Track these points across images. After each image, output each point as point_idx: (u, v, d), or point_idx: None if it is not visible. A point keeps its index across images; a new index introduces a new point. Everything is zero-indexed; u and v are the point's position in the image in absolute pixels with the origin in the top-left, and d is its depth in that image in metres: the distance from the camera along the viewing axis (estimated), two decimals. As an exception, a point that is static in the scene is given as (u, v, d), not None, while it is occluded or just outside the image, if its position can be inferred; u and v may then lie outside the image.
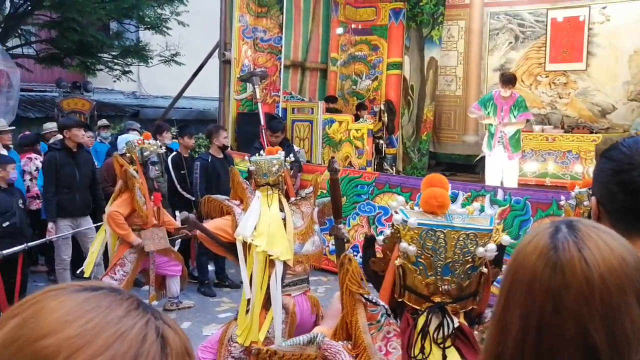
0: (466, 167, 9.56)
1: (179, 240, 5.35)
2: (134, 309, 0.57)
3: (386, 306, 1.36)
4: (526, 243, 0.84)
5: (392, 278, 1.34)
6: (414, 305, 1.34)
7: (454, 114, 10.24)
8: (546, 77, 9.51)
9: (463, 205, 1.38)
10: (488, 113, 6.68)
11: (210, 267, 5.94)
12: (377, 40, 9.46)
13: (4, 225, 4.56)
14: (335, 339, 1.36)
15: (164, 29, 10.59)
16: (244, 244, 3.12)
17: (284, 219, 3.19)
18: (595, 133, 8.67)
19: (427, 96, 9.59)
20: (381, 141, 8.58)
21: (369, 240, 1.44)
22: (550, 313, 0.78)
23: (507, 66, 9.85)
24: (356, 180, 6.33)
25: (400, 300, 1.36)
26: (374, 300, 1.35)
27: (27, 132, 6.90)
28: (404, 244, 1.29)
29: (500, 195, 5.50)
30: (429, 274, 1.32)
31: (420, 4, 9.38)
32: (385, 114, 8.81)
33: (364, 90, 9.58)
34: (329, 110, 8.23)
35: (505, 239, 1.43)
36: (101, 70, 10.73)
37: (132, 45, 10.97)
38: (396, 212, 1.33)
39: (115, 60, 10.64)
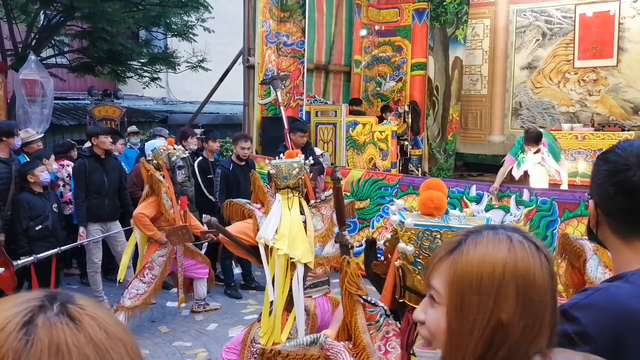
0: (493, 168, 9.42)
1: (206, 243, 5.46)
2: (19, 303, 0.59)
3: (385, 307, 1.39)
4: (503, 259, 0.82)
5: (393, 280, 1.37)
6: (414, 305, 1.36)
7: (480, 113, 10.13)
8: (575, 74, 9.32)
9: (488, 207, 1.40)
10: (519, 161, 6.07)
11: (237, 270, 6.03)
12: (401, 41, 9.43)
13: (37, 228, 4.74)
14: (337, 339, 1.40)
15: (191, 35, 10.78)
16: (266, 247, 3.18)
17: (305, 222, 3.24)
18: (628, 130, 8.45)
19: (452, 96, 9.49)
20: (406, 142, 8.55)
21: (370, 243, 1.47)
22: (552, 305, 0.83)
23: (535, 64, 9.69)
24: (380, 182, 6.33)
25: (401, 301, 1.39)
26: (372, 301, 1.38)
27: (69, 140, 7.13)
28: (401, 244, 1.32)
29: (526, 196, 5.41)
30: (428, 274, 1.34)
31: (444, 3, 9.28)
32: (410, 115, 8.78)
33: (388, 91, 9.56)
34: (353, 112, 8.24)
35: None
36: (131, 77, 10.99)
37: (160, 53, 11.19)
38: (394, 214, 1.35)
39: (144, 68, 10.87)
